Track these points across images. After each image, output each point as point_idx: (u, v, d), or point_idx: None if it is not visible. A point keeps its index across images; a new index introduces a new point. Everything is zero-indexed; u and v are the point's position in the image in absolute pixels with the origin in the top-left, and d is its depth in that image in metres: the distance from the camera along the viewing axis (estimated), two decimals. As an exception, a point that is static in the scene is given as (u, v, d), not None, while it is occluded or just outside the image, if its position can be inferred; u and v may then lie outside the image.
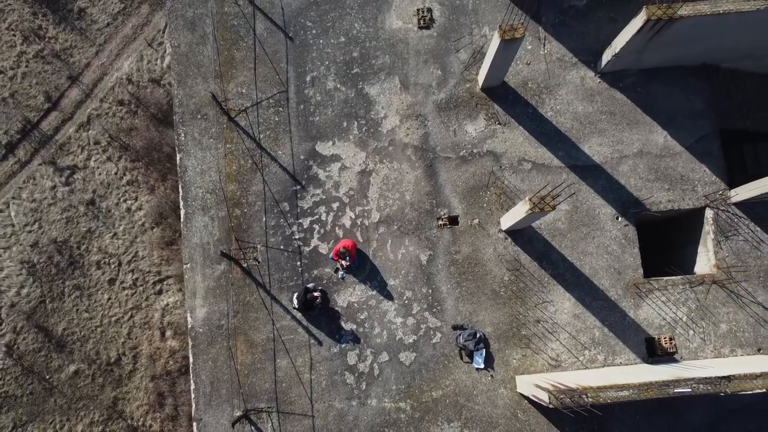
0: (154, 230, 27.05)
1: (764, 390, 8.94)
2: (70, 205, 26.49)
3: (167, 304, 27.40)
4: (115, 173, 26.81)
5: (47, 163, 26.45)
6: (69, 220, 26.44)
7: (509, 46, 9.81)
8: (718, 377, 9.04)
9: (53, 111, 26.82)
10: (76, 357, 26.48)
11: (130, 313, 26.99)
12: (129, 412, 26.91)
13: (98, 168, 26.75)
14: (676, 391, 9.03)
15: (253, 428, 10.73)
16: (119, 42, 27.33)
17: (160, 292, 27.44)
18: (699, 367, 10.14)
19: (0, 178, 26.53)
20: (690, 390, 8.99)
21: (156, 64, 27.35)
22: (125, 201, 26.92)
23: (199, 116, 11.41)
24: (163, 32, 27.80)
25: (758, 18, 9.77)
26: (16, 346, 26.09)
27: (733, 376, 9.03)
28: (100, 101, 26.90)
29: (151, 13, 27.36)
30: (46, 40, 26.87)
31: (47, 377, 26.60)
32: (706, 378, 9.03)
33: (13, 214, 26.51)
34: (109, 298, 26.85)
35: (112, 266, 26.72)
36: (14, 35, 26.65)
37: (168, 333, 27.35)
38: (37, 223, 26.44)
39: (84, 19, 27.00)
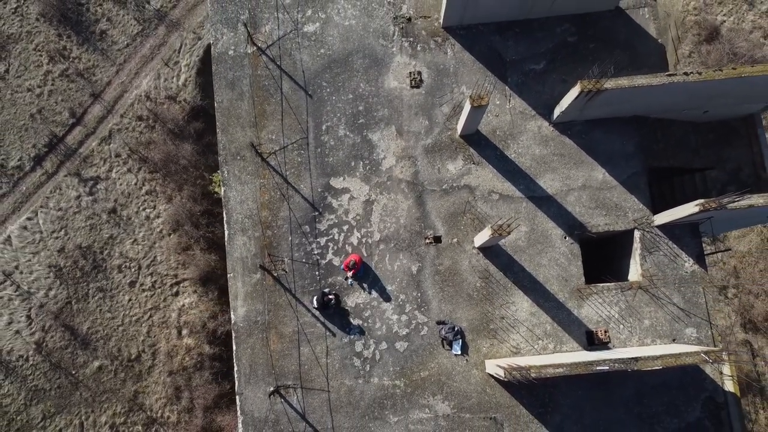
0: (171, 236, 31.48)
1: (662, 367, 13.06)
2: (93, 214, 30.93)
3: (183, 305, 31.91)
4: (135, 184, 31.24)
5: (72, 175, 30.87)
6: (92, 227, 30.89)
7: (477, 110, 13.96)
8: (629, 358, 13.17)
9: (77, 126, 31.27)
10: (100, 354, 30.99)
11: (149, 313, 31.50)
12: (148, 405, 31.51)
13: (119, 179, 31.17)
14: (597, 368, 13.16)
15: (282, 400, 14.91)
16: (138, 61, 31.68)
17: (176, 294, 31.94)
18: (625, 353, 14.28)
19: (29, 189, 30.93)
20: (607, 367, 13.11)
21: (172, 82, 31.71)
22: (144, 209, 31.37)
23: (238, 157, 15.57)
24: (179, 53, 32.09)
25: (666, 88, 13.87)
26: (44, 344, 30.59)
27: (639, 357, 13.16)
28: (121, 117, 31.34)
29: (168, 35, 31.69)
30: (71, 59, 31.23)
31: (73, 372, 31.11)
32: (619, 359, 13.16)
33: (41, 221, 30.95)
34: (130, 300, 31.34)
35: (133, 270, 31.20)
36: (41, 55, 31.06)
37: (184, 332, 31.90)
38: (63, 230, 30.90)
39: (105, 40, 31.35)
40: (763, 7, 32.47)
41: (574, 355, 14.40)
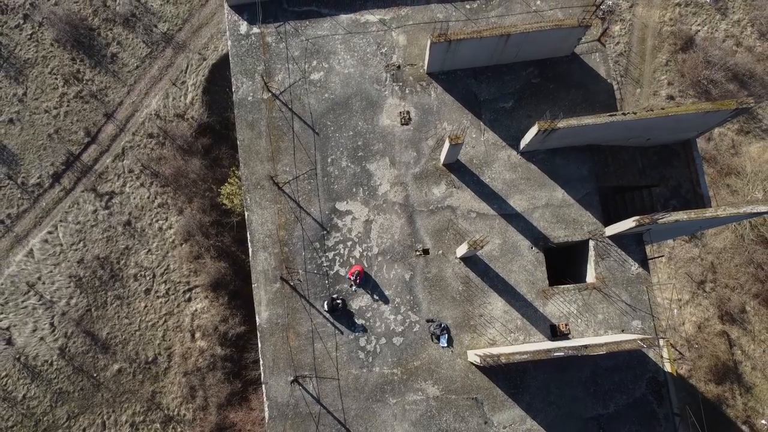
0: (183, 246, 36.02)
1: (605, 352, 17.43)
2: (109, 226, 35.45)
3: (196, 310, 36.57)
4: (148, 197, 35.77)
5: (89, 190, 35.36)
6: (109, 239, 35.42)
7: (455, 146, 18.32)
8: (580, 345, 17.57)
9: (92, 144, 35.75)
10: (119, 357, 35.63)
11: (164, 318, 36.11)
12: (165, 404, 36.22)
13: (133, 193, 35.68)
14: (555, 354, 17.56)
15: (300, 387, 19.31)
16: (147, 82, 36.14)
17: (189, 300, 36.59)
18: (579, 342, 18.68)
19: (48, 204, 35.46)
20: (562, 353, 17.50)
21: (180, 101, 36.14)
22: (157, 221, 35.90)
23: (258, 186, 19.92)
24: (186, 73, 36.43)
25: (609, 125, 18.20)
26: (67, 349, 35.20)
27: (588, 345, 17.56)
28: (133, 134, 35.81)
29: (175, 56, 36.11)
30: (84, 82, 35.63)
31: (95, 375, 35.77)
32: (572, 346, 17.56)
33: (61, 235, 35.47)
34: (146, 306, 35.92)
35: (148, 278, 35.76)
36: (56, 78, 35.48)
37: (197, 335, 36.58)
38: (81, 242, 35.43)
39: (116, 63, 35.73)
40: (734, 16, 36.81)
41: (538, 345, 18.83)
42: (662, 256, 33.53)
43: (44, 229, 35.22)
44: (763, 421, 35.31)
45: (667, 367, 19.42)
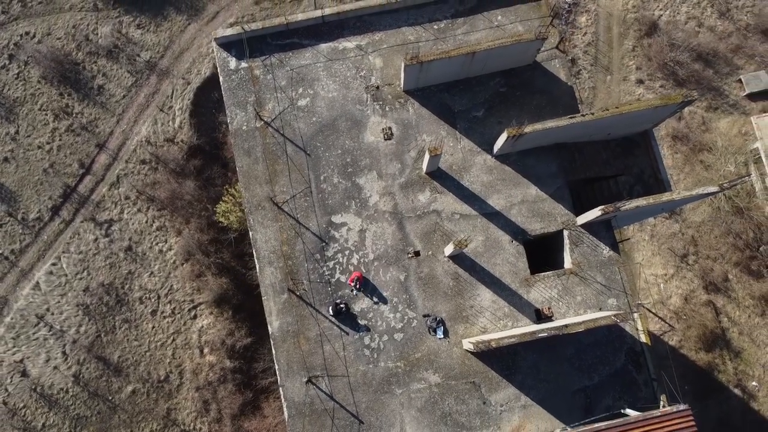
0: (184, 266, 38.78)
1: (584, 329, 20.38)
2: (111, 253, 38.14)
3: (202, 326, 39.36)
4: (146, 222, 38.47)
5: (88, 220, 38.04)
6: (112, 265, 38.11)
7: (434, 157, 21.20)
8: (561, 325, 20.52)
9: (87, 175, 38.39)
10: (132, 378, 38.40)
11: (172, 337, 38.88)
12: (181, 419, 39.05)
13: (131, 219, 38.36)
14: (539, 335, 20.50)
15: (314, 387, 22.16)
16: (135, 110, 38.83)
17: (195, 317, 39.39)
18: (560, 322, 21.64)
19: (50, 237, 38.09)
20: (546, 334, 20.44)
21: (169, 126, 38.84)
22: (157, 244, 38.61)
23: (260, 207, 22.72)
24: (171, 98, 39.06)
25: (570, 126, 21.12)
26: (81, 375, 37.90)
27: (568, 324, 20.51)
28: (126, 162, 38.48)
29: (159, 82, 38.82)
30: (74, 115, 38.29)
31: (110, 398, 38.53)
32: (554, 327, 20.50)
33: (65, 265, 38.11)
34: (153, 327, 38.68)
35: (153, 300, 38.48)
36: (46, 114, 38.11)
37: (206, 350, 39.43)
38: (85, 271, 38.12)
39: (103, 94, 38.37)
40: (694, -1, 39.83)
41: (524, 328, 21.79)
42: (629, 239, 36.62)
43: (48, 261, 37.79)
44: (754, 383, 38.57)
45: (642, 338, 22.42)
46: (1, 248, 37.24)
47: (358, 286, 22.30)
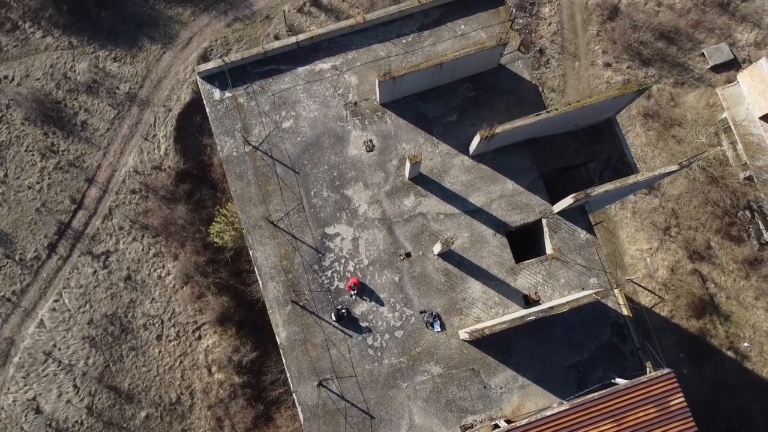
0: (184, 288, 40.86)
1: (568, 309, 22.72)
2: (111, 284, 40.12)
3: (208, 346, 41.48)
4: (142, 250, 40.50)
5: (85, 254, 39.98)
6: (113, 295, 40.11)
7: (415, 164, 23.49)
8: (547, 307, 22.86)
9: (80, 210, 40.40)
10: (144, 404, 40.47)
11: (179, 360, 40.95)
12: (196, 439, 40.72)
13: (127, 248, 40.37)
14: (527, 319, 22.83)
15: (325, 389, 24.38)
16: (120, 142, 40.84)
17: (199, 338, 41.47)
18: (546, 305, 23.98)
19: (49, 274, 40.04)
20: (534, 317, 22.76)
21: (155, 154, 40.87)
22: (155, 270, 40.64)
23: (257, 227, 24.90)
24: (155, 126, 41.10)
25: (538, 122, 23.43)
26: (94, 406, 39.94)
27: (553, 306, 22.85)
28: (116, 194, 40.51)
29: (141, 112, 40.89)
30: (60, 153, 40.23)
31: (125, 425, 40.58)
32: (540, 309, 22.84)
33: (67, 300, 40.08)
34: (160, 351, 40.71)
35: (157, 325, 40.55)
36: (33, 155, 40.01)
37: (213, 369, 41.56)
38: (88, 304, 40.09)
39: (87, 129, 40.34)
40: (652, -21, 42.35)
41: (514, 314, 24.13)
42: (602, 222, 39.13)
43: (50, 298, 39.74)
44: (746, 344, 41.21)
45: (624, 311, 24.83)
46: (2, 290, 39.08)
47: (356, 291, 24.55)
